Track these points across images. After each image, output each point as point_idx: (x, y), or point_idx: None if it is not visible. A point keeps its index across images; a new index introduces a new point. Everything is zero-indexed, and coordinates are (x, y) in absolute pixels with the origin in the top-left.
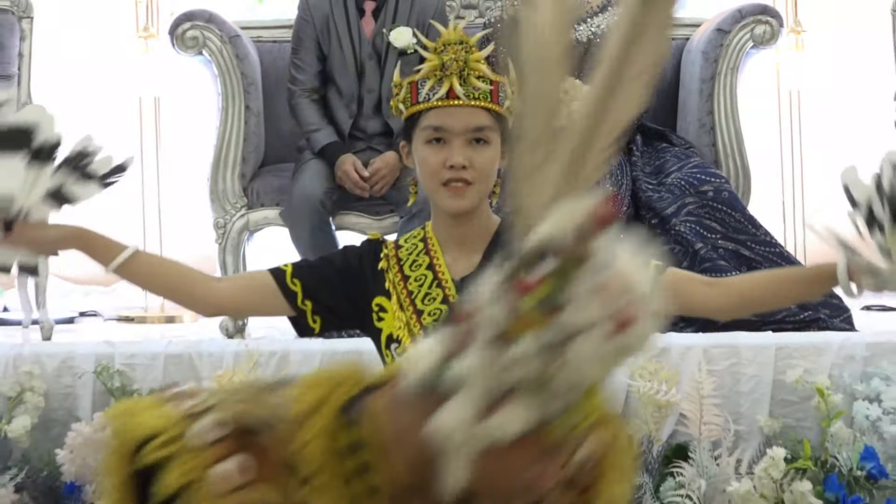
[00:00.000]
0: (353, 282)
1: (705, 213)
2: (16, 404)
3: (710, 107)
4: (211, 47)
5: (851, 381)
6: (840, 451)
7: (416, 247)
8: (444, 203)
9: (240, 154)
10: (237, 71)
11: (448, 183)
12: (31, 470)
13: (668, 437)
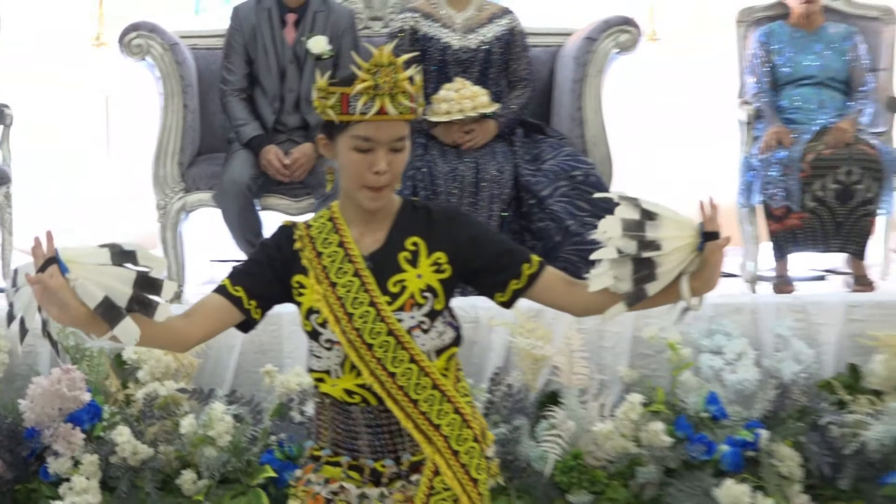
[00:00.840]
0: (278, 269)
1: (576, 195)
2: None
3: (579, 104)
4: (154, 54)
5: (698, 337)
6: (688, 397)
7: (325, 226)
8: (363, 202)
9: (178, 145)
10: (176, 74)
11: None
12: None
13: (542, 386)
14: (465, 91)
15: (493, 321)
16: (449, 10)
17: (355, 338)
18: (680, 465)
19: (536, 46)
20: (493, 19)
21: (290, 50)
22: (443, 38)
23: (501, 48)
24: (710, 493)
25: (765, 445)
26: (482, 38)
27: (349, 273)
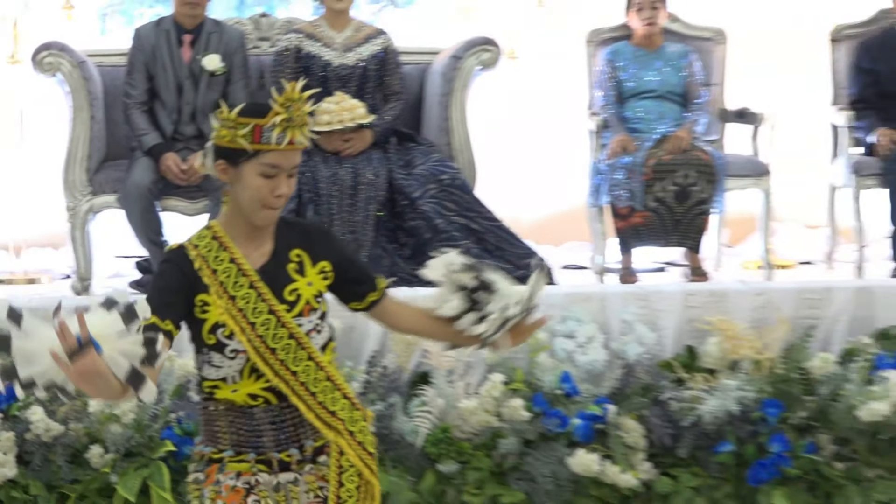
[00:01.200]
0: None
1: (443, 196)
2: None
3: (446, 115)
4: (63, 71)
5: (553, 323)
6: (544, 376)
7: (212, 244)
8: (261, 220)
9: (86, 152)
10: (84, 89)
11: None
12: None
13: (414, 367)
14: (344, 104)
15: None
16: (329, 31)
17: (259, 344)
18: (537, 436)
19: (408, 64)
20: (368, 39)
21: (186, 67)
22: (324, 56)
23: (376, 65)
24: (564, 462)
25: (612, 419)
26: (359, 56)
27: (245, 286)
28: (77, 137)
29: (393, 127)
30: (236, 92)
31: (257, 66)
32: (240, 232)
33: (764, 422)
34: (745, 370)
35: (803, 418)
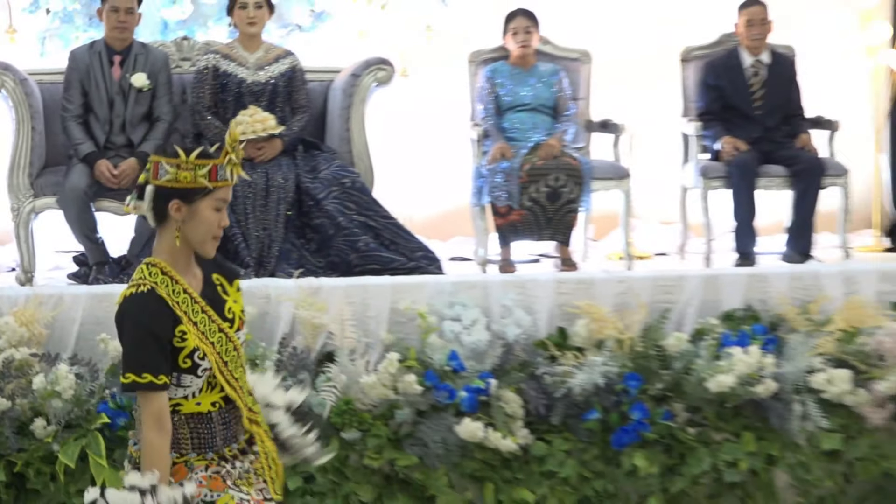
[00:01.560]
0: (169, 336)
1: (345, 197)
2: None
3: (347, 126)
4: (7, 87)
5: (442, 308)
6: (434, 354)
7: (164, 279)
8: (209, 250)
9: (28, 160)
10: (25, 104)
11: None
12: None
13: (320, 347)
14: (256, 116)
15: (280, 297)
16: (243, 52)
17: (219, 360)
18: (429, 407)
19: (313, 81)
20: (278, 59)
21: (116, 84)
22: (239, 74)
23: (285, 82)
24: (452, 430)
25: (494, 391)
26: (270, 74)
27: (199, 311)
28: (20, 146)
29: (300, 136)
30: (161, 106)
31: (180, 83)
32: (182, 264)
33: (626, 393)
34: (610, 348)
35: (660, 390)
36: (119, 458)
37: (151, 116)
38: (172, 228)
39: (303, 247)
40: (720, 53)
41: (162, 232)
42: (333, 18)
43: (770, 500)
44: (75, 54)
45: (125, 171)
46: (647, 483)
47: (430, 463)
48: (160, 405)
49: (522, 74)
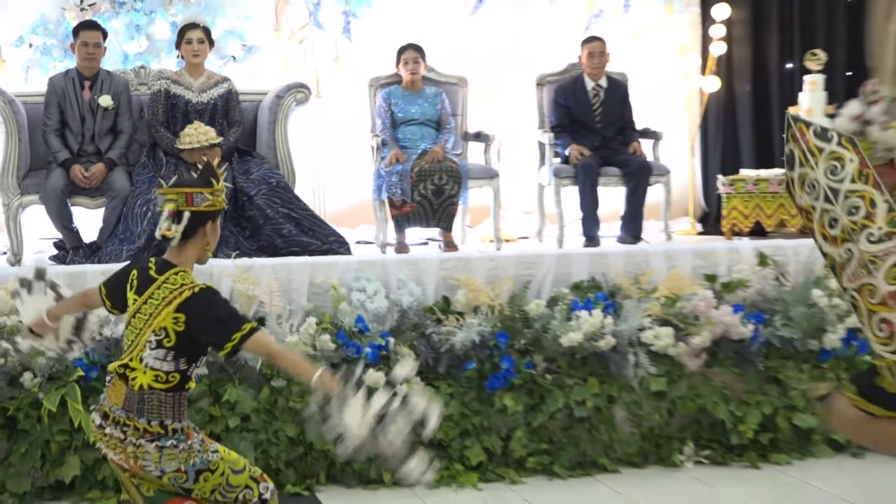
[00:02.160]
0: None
1: (272, 194)
2: None
3: (273, 137)
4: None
5: (350, 281)
6: (344, 319)
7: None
8: (207, 261)
9: (16, 164)
10: (13, 119)
11: None
12: None
13: (253, 313)
14: (200, 129)
15: (221, 273)
16: (189, 78)
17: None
18: (340, 361)
19: (245, 101)
20: (217, 84)
21: (87, 104)
22: (186, 96)
23: (223, 102)
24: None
25: (392, 347)
26: (210, 96)
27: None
28: (9, 154)
29: (235, 146)
30: (123, 122)
31: (138, 103)
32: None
33: (497, 348)
34: (483, 312)
35: (523, 345)
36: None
37: (115, 130)
38: (201, 243)
39: (238, 234)
40: (567, 79)
41: (187, 246)
42: (262, 51)
43: (611, 430)
44: (53, 80)
45: (94, 174)
46: (514, 418)
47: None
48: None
49: (412, 95)
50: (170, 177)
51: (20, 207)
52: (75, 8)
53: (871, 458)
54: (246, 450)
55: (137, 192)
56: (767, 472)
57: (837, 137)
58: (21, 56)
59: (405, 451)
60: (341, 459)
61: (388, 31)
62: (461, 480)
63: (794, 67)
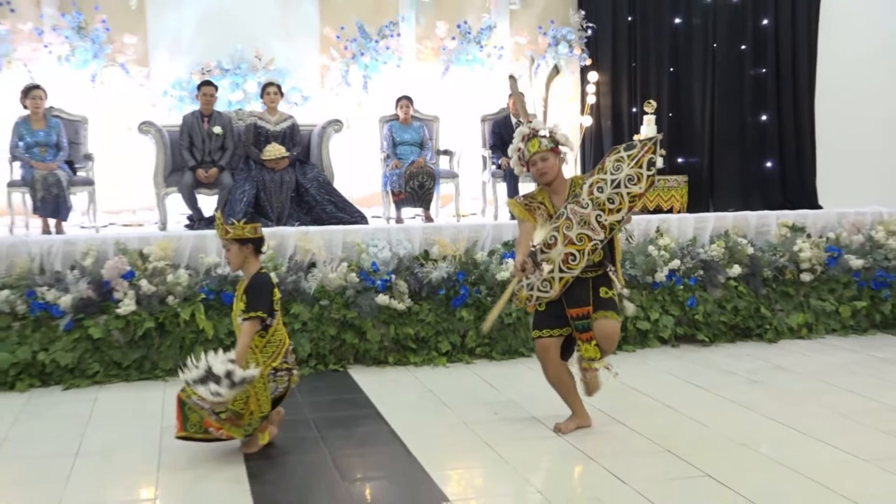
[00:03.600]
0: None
1: (320, 187)
2: None
3: (320, 152)
4: (152, 132)
5: (367, 240)
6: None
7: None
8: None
9: (162, 168)
10: (161, 140)
11: None
12: None
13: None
14: (276, 147)
15: (288, 236)
16: (268, 116)
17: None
18: (362, 289)
19: (303, 130)
20: (286, 119)
21: (206, 131)
22: (267, 127)
23: (290, 131)
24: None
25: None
26: (282, 127)
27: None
28: (159, 162)
29: (297, 157)
30: (228, 142)
31: (237, 131)
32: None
33: (458, 281)
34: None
35: (473, 279)
36: (211, 315)
37: (223, 147)
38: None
39: (299, 212)
40: (500, 117)
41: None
42: (312, 100)
43: (526, 331)
44: (185, 117)
45: (211, 174)
46: (467, 324)
47: (363, 315)
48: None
49: (405, 127)
50: (256, 177)
51: (165, 195)
52: (198, 72)
53: (684, 349)
54: (304, 343)
55: (237, 186)
56: (620, 355)
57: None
58: (166, 102)
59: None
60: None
61: (390, 87)
62: (436, 362)
63: (636, 111)
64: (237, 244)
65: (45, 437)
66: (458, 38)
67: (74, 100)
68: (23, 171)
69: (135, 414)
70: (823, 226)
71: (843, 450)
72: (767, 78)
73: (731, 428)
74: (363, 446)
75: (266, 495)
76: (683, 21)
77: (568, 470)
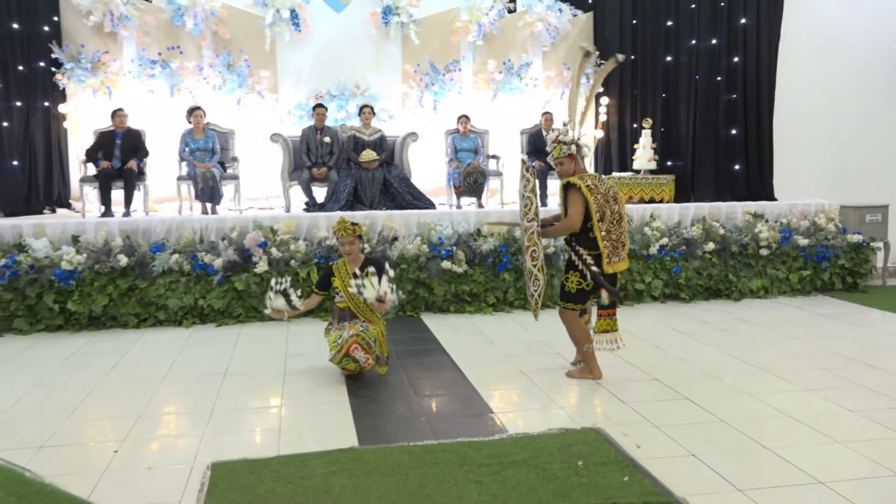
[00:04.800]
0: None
1: (401, 182)
2: None
3: (402, 156)
4: (280, 142)
5: (436, 221)
6: (433, 238)
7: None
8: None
9: (287, 168)
10: (286, 148)
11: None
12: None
13: (391, 235)
14: (370, 153)
15: (377, 218)
16: (364, 129)
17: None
18: (431, 257)
19: (389, 139)
20: (377, 132)
21: (319, 141)
22: (363, 138)
23: (380, 141)
24: (440, 265)
25: (454, 251)
26: (374, 138)
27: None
28: (285, 163)
29: (385, 160)
30: (335, 149)
31: (342, 142)
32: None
33: (501, 252)
34: (495, 237)
35: (514, 251)
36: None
37: (331, 153)
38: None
39: (386, 199)
40: (534, 130)
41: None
42: (396, 118)
43: (552, 289)
44: (304, 130)
45: (322, 172)
46: (508, 283)
47: (432, 276)
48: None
49: (464, 138)
50: (355, 174)
51: (289, 186)
52: (314, 97)
53: (669, 304)
54: None
55: (341, 180)
56: (621, 308)
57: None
58: (290, 119)
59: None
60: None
61: (453, 108)
62: (485, 311)
63: (636, 126)
64: (359, 239)
65: (203, 360)
66: (503, 72)
67: (225, 117)
68: (188, 168)
69: (267, 345)
70: (778, 213)
71: (790, 381)
72: (737, 102)
73: (704, 363)
74: (431, 371)
75: (361, 405)
76: (673, 58)
77: (581, 392)
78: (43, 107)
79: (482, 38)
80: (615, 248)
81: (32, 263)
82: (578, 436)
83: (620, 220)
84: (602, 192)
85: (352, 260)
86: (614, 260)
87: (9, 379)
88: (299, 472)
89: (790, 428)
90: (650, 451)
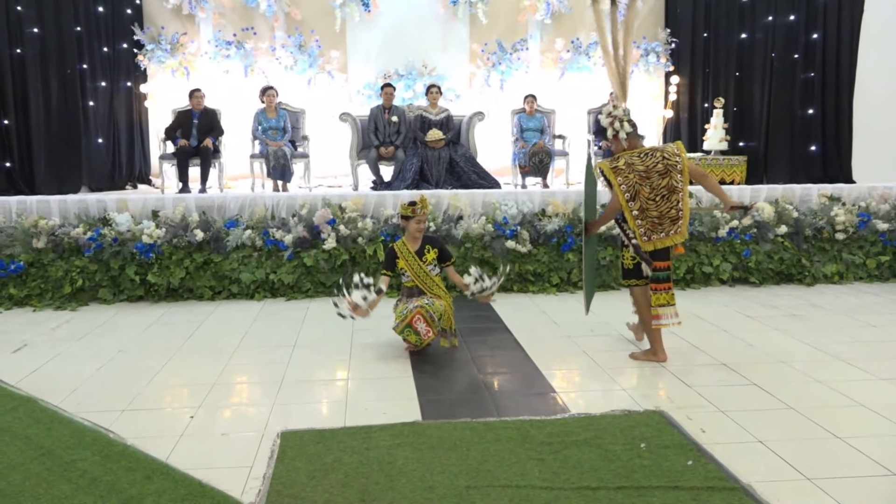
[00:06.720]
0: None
1: (467, 161)
2: None
3: (468, 136)
4: (349, 121)
5: (501, 200)
6: (497, 217)
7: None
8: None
9: (356, 146)
10: (355, 126)
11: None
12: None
13: (457, 214)
14: (436, 133)
15: (442, 196)
16: (431, 109)
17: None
18: (496, 236)
19: (456, 119)
20: (443, 112)
21: (386, 120)
22: (430, 117)
23: (446, 120)
24: (504, 244)
25: (518, 231)
26: (440, 117)
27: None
28: (353, 142)
29: (451, 139)
30: (402, 128)
31: (408, 120)
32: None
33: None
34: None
35: (577, 231)
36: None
37: (399, 132)
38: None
39: (453, 180)
40: (599, 108)
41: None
42: (462, 98)
43: (616, 270)
44: (372, 109)
45: (390, 151)
46: (572, 264)
47: (496, 255)
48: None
49: (530, 118)
50: (422, 153)
51: (357, 165)
52: (382, 77)
53: (738, 288)
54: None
55: (407, 159)
56: (688, 291)
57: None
58: (359, 98)
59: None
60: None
61: (520, 87)
62: (548, 291)
63: (707, 106)
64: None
65: (273, 332)
66: (571, 51)
67: (296, 97)
68: (260, 147)
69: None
70: (857, 196)
71: (864, 370)
72: (815, 80)
73: (774, 349)
74: (494, 349)
75: (425, 381)
76: (748, 35)
77: (645, 374)
78: (126, 87)
79: (550, 16)
80: (654, 225)
81: (116, 237)
82: (641, 418)
83: (671, 194)
84: (641, 169)
85: (415, 238)
86: (654, 237)
87: (94, 345)
88: (364, 443)
89: (863, 417)
90: (715, 435)
